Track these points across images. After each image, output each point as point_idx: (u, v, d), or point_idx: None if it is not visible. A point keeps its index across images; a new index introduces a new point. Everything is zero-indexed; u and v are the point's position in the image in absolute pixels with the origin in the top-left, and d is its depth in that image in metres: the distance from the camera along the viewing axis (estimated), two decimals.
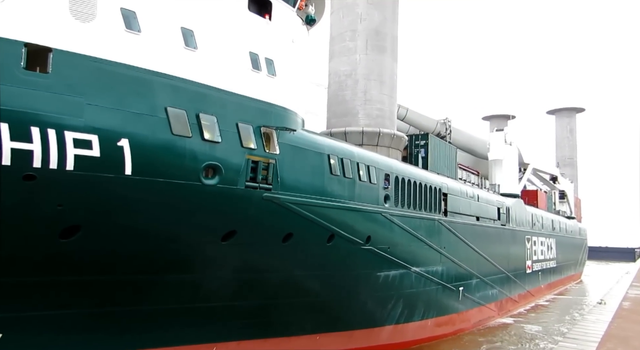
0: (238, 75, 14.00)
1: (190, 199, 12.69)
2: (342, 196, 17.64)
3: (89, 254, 11.85)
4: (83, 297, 12.33)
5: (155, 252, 12.92)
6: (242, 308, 15.99)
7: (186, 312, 14.53)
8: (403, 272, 22.02)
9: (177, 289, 14.04)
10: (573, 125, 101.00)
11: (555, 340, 26.18)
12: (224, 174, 13.16)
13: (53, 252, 11.27)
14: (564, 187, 65.92)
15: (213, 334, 15.49)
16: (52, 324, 11.93)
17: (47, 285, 11.59)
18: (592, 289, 57.11)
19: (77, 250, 11.51)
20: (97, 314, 12.73)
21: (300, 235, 16.01)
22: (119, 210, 11.71)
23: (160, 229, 12.62)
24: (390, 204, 20.89)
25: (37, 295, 11.53)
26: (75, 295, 12.18)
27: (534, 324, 32.98)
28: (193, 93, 12.61)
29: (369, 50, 24.92)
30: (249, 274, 15.63)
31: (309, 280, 17.67)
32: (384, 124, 24.95)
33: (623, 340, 14.99)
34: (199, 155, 12.57)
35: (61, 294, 11.95)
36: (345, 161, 17.88)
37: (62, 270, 11.66)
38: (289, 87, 15.89)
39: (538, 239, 45.57)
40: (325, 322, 19.04)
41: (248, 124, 13.97)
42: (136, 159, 11.27)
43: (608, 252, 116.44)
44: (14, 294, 11.18)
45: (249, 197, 14.05)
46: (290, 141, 15.50)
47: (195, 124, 12.55)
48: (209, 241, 13.83)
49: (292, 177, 15.46)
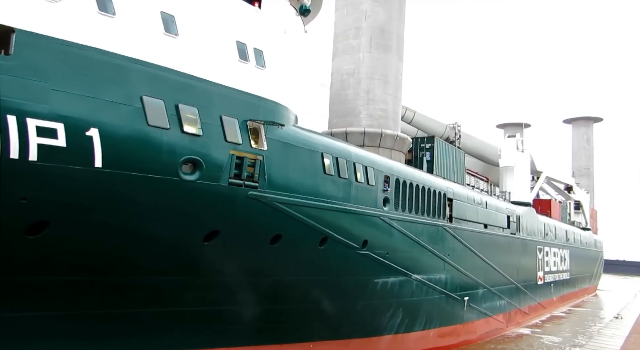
0: (223, 65, 13.28)
1: (168, 194, 11.95)
2: (336, 197, 16.77)
3: (59, 253, 11.15)
4: (53, 299, 11.60)
5: (130, 251, 12.18)
6: (228, 313, 15.18)
7: (167, 317, 13.75)
8: (403, 279, 21.02)
9: (156, 291, 13.28)
10: (590, 135, 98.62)
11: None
12: (205, 170, 12.41)
13: (19, 249, 10.59)
14: (580, 198, 64.14)
15: (197, 341, 14.69)
16: (18, 328, 11.20)
17: (13, 285, 10.90)
18: (608, 303, 55.77)
19: (46, 248, 10.82)
20: (69, 317, 11.98)
21: (289, 237, 15.17)
22: (91, 206, 11.00)
23: (136, 227, 11.89)
24: (390, 208, 19.94)
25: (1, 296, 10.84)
26: (44, 297, 11.46)
27: (551, 335, 32.59)
28: (173, 82, 11.91)
29: (373, 48, 24.12)
30: (234, 277, 14.82)
31: (300, 285, 16.80)
32: (387, 125, 24.08)
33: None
34: (177, 149, 11.84)
35: (29, 295, 11.24)
36: (340, 161, 17.03)
37: (30, 270, 10.97)
38: (281, 81, 15.12)
39: (551, 249, 44.10)
40: (320, 330, 18.13)
41: (233, 118, 13.22)
42: (107, 151, 10.57)
43: (625, 265, 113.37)
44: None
45: (233, 195, 13.27)
46: (280, 137, 14.72)
47: (174, 115, 11.84)
48: (189, 241, 13.07)
49: (281, 175, 14.65)
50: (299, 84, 16.68)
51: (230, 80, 13.34)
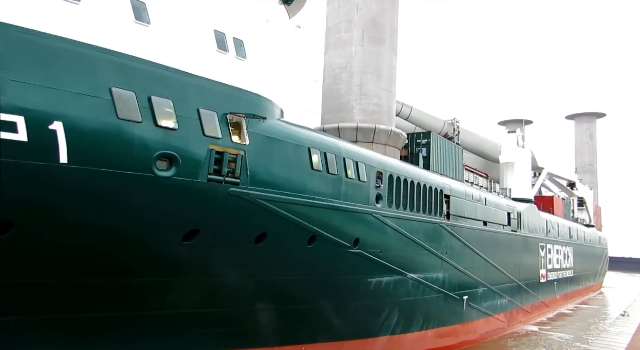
0: (200, 56, 12.66)
1: (142, 192, 11.34)
2: (324, 194, 16.13)
3: (26, 254, 10.56)
4: (21, 302, 11.01)
5: (105, 252, 11.59)
6: (213, 316, 14.57)
7: (146, 320, 13.15)
8: (398, 278, 20.37)
9: (133, 294, 12.67)
10: (593, 131, 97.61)
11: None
12: (181, 165, 11.80)
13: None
14: (583, 194, 63.34)
15: (180, 345, 14.08)
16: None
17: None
18: (614, 301, 55.24)
19: (11, 249, 10.23)
20: (39, 322, 11.39)
21: (275, 236, 14.55)
22: (59, 205, 10.41)
23: (108, 226, 11.29)
24: (383, 204, 19.29)
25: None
26: (10, 301, 10.85)
27: (560, 332, 32.53)
28: (144, 73, 11.30)
29: (365, 41, 23.48)
30: (218, 277, 14.21)
31: (289, 285, 16.19)
32: (381, 120, 23.41)
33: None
34: (150, 143, 11.23)
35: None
36: (329, 156, 16.39)
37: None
38: (264, 72, 14.51)
39: (553, 246, 43.32)
40: (311, 331, 17.50)
41: (212, 110, 12.60)
42: (73, 146, 9.97)
43: (631, 262, 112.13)
44: None
45: (213, 192, 12.65)
46: (263, 131, 14.10)
47: (147, 107, 11.23)
48: (167, 241, 12.46)
49: (265, 171, 14.03)
50: (284, 76, 16.05)
51: (209, 71, 12.72)
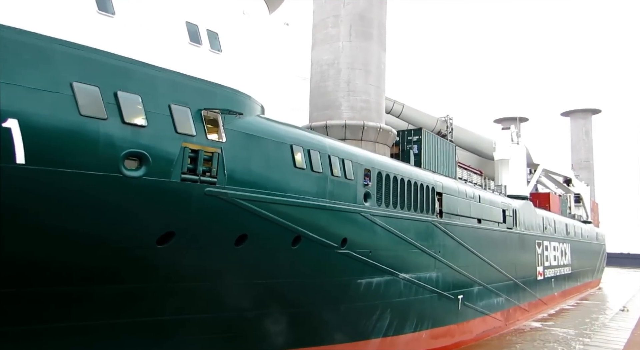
0: (171, 49, 12.04)
1: (109, 193, 10.72)
2: (309, 193, 15.53)
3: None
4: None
5: (70, 257, 10.95)
6: (192, 323, 13.95)
7: (119, 329, 12.52)
8: (389, 279, 19.77)
9: (105, 301, 12.05)
10: (589, 127, 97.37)
11: (577, 348, 25.59)
12: (152, 164, 11.18)
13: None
14: (579, 190, 62.93)
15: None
16: None
17: None
18: (613, 296, 55.07)
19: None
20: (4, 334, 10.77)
21: (256, 237, 13.94)
22: (16, 207, 9.77)
23: (74, 230, 10.67)
24: (372, 203, 18.70)
25: None
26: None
27: (563, 328, 32.73)
28: (109, 67, 10.68)
29: (353, 37, 22.90)
30: (197, 282, 13.57)
31: (274, 288, 15.58)
32: (370, 116, 22.84)
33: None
34: (117, 142, 10.61)
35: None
36: (313, 153, 15.79)
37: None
38: (241, 66, 13.90)
39: (550, 243, 42.84)
40: (300, 336, 16.89)
41: (184, 106, 11.99)
42: (30, 145, 9.35)
43: (629, 258, 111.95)
44: None
45: (187, 192, 12.04)
46: (242, 128, 13.49)
47: (112, 104, 10.62)
48: (140, 244, 11.83)
49: (244, 169, 13.41)
50: (266, 71, 15.45)
51: (181, 65, 12.11)
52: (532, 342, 28.73)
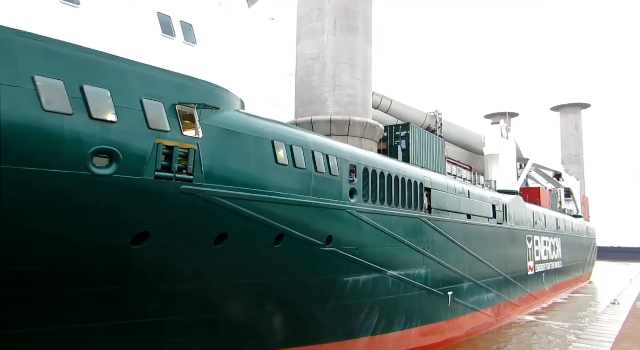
0: (142, 41, 11.54)
1: (78, 192, 10.23)
2: (292, 189, 15.11)
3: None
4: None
5: (43, 260, 10.46)
6: (172, 324, 13.49)
7: (95, 332, 12.04)
8: (377, 276, 19.43)
9: (80, 304, 11.56)
10: (578, 122, 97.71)
11: (570, 340, 25.82)
12: (122, 162, 10.70)
13: None
14: (569, 185, 63.01)
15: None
16: None
17: None
18: (604, 289, 55.56)
19: None
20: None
21: (237, 236, 13.51)
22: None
23: (41, 232, 10.17)
24: (358, 199, 18.31)
25: None
26: None
27: (558, 321, 33.14)
28: (75, 59, 10.17)
29: (337, 30, 22.45)
30: (175, 283, 13.12)
31: (257, 288, 15.15)
32: (356, 111, 22.42)
33: (638, 340, 14.91)
34: (85, 138, 10.11)
35: None
36: (295, 149, 15.36)
37: None
38: (218, 60, 13.41)
39: (541, 238, 42.76)
40: (286, 336, 16.48)
41: (157, 101, 11.50)
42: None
43: (619, 251, 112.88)
44: None
45: (162, 190, 11.57)
46: (220, 123, 13.02)
47: (79, 98, 10.11)
48: (113, 245, 11.35)
49: (222, 166, 12.95)
50: (244, 64, 14.98)
51: (153, 58, 11.61)
52: (531, 335, 28.91)
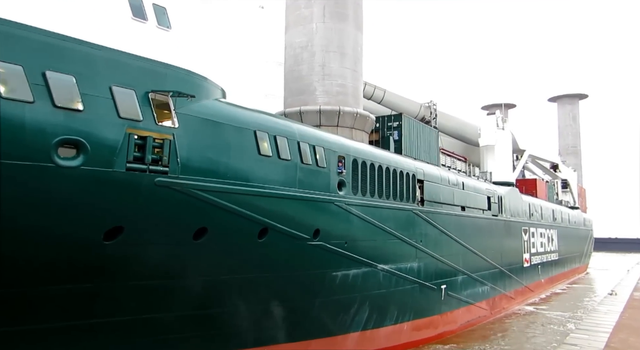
0: (111, 24, 10.91)
1: (41, 185, 9.65)
2: (276, 182, 14.55)
3: None
4: None
5: (10, 257, 9.91)
6: (152, 322, 12.99)
7: (82, 330, 11.56)
8: (367, 270, 18.94)
9: (54, 303, 11.04)
10: (576, 113, 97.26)
11: (568, 330, 25.63)
12: (90, 153, 10.11)
13: None
14: (566, 176, 62.54)
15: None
16: None
17: None
18: (602, 280, 55.42)
19: None
20: None
21: (217, 230, 12.96)
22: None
23: (9, 227, 9.61)
24: (347, 192, 17.77)
25: None
26: None
27: (557, 310, 33.33)
28: (36, 44, 9.54)
29: (327, 18, 21.77)
30: (154, 280, 12.58)
31: (241, 284, 14.63)
32: (346, 101, 21.81)
33: (635, 331, 15.03)
34: (48, 128, 9.52)
35: None
36: (279, 140, 14.78)
37: None
38: (195, 46, 12.79)
39: (537, 230, 42.35)
40: (270, 332, 16.01)
41: (129, 89, 10.89)
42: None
43: (617, 243, 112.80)
44: None
45: (135, 183, 10.99)
46: (197, 113, 12.42)
47: (41, 85, 9.51)
48: (85, 241, 10.79)
49: (201, 157, 12.37)
50: (226, 52, 14.35)
51: (123, 43, 10.99)
52: (530, 324, 28.93)
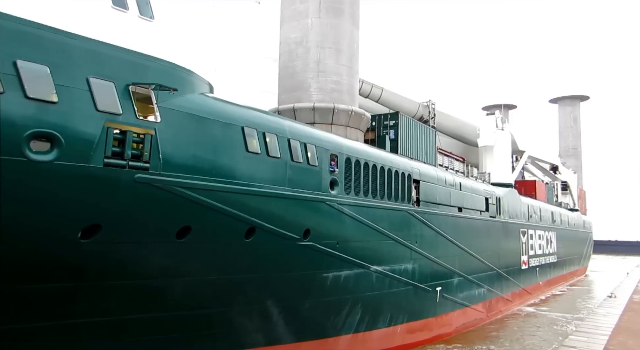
0: (89, 13, 10.45)
1: (12, 180, 9.20)
2: (264, 180, 14.10)
3: None
4: None
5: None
6: (136, 323, 12.56)
7: (61, 331, 11.14)
8: (359, 271, 18.50)
9: (31, 302, 10.62)
10: (577, 114, 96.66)
11: (567, 332, 25.50)
12: (65, 147, 9.66)
13: None
14: (566, 178, 62.11)
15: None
16: None
17: None
18: (601, 283, 55.17)
19: None
20: None
21: (202, 229, 12.52)
22: None
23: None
24: (339, 191, 17.31)
25: None
26: None
27: (558, 312, 33.26)
28: (6, 31, 9.09)
29: (322, 13, 21.31)
30: (135, 279, 12.14)
31: (228, 285, 14.19)
32: (342, 99, 21.35)
33: (634, 333, 15.00)
34: (18, 120, 9.08)
35: None
36: (269, 136, 14.33)
37: None
38: (180, 38, 12.33)
39: (535, 232, 41.91)
40: (259, 334, 15.59)
41: (108, 81, 10.44)
42: None
43: (616, 245, 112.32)
44: None
45: (113, 179, 10.55)
46: (181, 107, 11.97)
47: (12, 75, 9.06)
48: (61, 239, 10.35)
49: (184, 154, 11.93)
50: (217, 46, 13.89)
51: (102, 33, 10.53)
52: (529, 325, 28.79)
